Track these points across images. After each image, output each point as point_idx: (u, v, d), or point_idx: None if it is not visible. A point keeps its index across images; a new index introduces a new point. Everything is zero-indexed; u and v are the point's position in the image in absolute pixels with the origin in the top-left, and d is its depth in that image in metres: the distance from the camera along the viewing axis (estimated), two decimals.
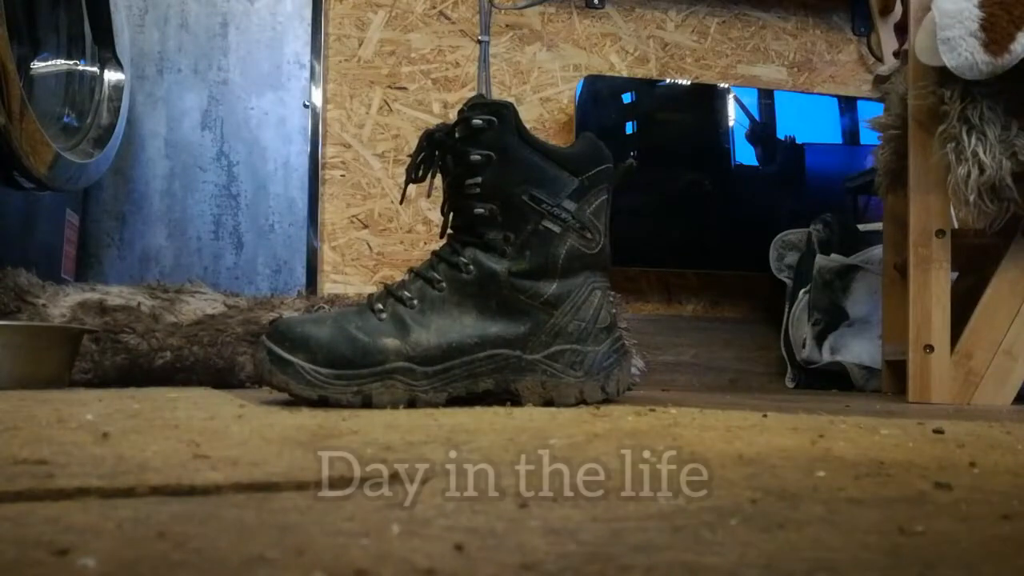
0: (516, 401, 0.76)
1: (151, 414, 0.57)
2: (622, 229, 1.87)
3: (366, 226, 1.97)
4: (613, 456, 0.41)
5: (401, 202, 1.13)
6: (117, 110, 1.59)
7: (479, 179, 0.77)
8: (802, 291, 1.81)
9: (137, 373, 1.05)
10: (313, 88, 1.94)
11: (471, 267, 0.76)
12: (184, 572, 0.20)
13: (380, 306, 0.75)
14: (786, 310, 1.88)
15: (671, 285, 2.08)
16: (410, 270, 0.79)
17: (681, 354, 2.01)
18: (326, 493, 0.31)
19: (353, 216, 1.97)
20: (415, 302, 0.75)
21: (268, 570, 0.20)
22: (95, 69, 1.58)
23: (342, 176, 1.97)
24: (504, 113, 0.78)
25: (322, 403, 0.69)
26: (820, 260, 1.75)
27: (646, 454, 0.42)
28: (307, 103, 1.93)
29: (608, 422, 0.58)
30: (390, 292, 0.76)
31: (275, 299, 1.26)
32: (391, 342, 0.72)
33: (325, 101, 1.96)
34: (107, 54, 1.59)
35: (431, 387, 0.73)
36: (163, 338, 1.07)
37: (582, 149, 0.82)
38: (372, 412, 0.66)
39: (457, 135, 0.79)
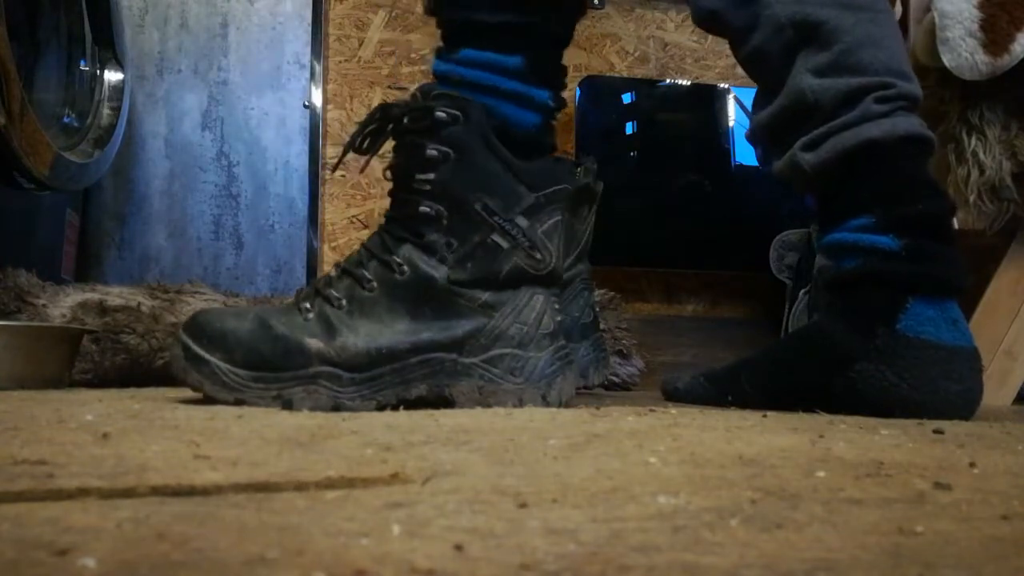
0: (450, 407, 0.71)
1: (151, 414, 0.57)
2: (622, 229, 1.88)
3: (366, 226, 1.97)
4: (613, 456, 0.41)
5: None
6: (117, 110, 1.59)
7: (431, 176, 0.72)
8: (802, 291, 1.81)
9: (137, 373, 1.05)
10: (313, 88, 1.94)
11: (405, 268, 0.71)
12: (184, 572, 0.20)
13: (307, 305, 0.70)
14: (786, 310, 1.88)
15: (671, 285, 2.08)
16: (337, 265, 0.75)
17: (681, 354, 2.01)
18: (326, 493, 0.31)
19: (353, 216, 1.97)
20: (343, 303, 0.70)
21: (268, 570, 0.20)
22: (95, 69, 1.58)
23: (342, 176, 1.97)
24: (472, 111, 0.72)
25: (239, 406, 0.65)
26: (820, 260, 1.75)
27: (646, 454, 0.42)
28: (307, 103, 1.93)
29: (608, 422, 0.57)
30: (318, 291, 0.72)
31: (275, 299, 1.26)
32: (314, 344, 0.68)
33: (325, 101, 1.97)
34: (107, 54, 1.59)
35: (358, 395, 0.68)
36: (163, 338, 1.07)
37: (543, 165, 0.77)
38: (372, 413, 0.66)
39: (415, 123, 0.73)
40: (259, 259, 1.90)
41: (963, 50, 1.08)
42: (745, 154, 2.04)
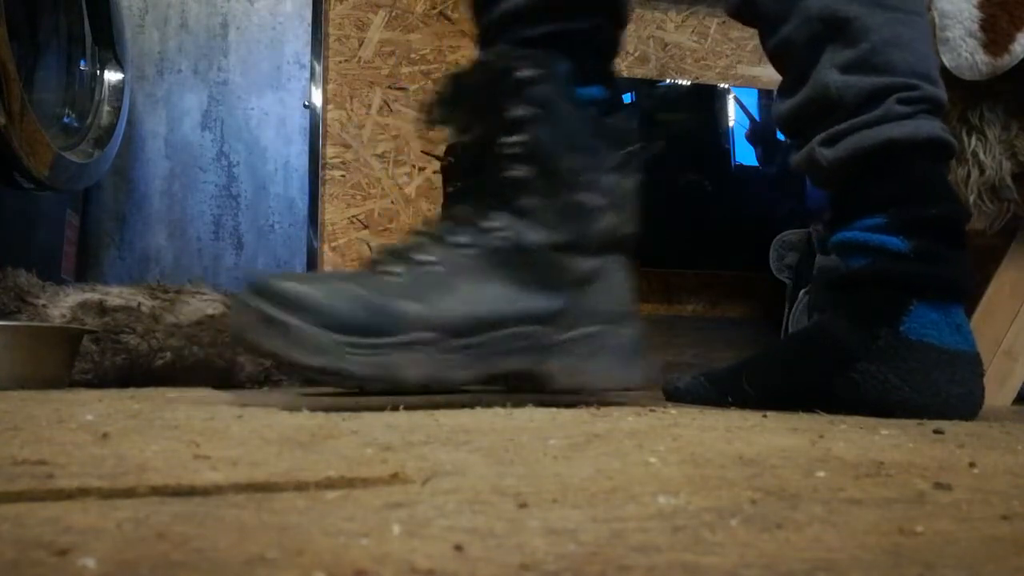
0: (540, 384, 0.68)
1: (151, 414, 0.57)
2: None
3: (366, 227, 1.97)
4: (613, 456, 0.41)
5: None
6: (117, 110, 1.59)
7: (519, 138, 0.69)
8: (802, 291, 1.81)
9: (137, 373, 1.05)
10: (313, 88, 1.94)
11: (502, 233, 0.68)
12: (184, 572, 0.20)
13: (397, 269, 0.65)
14: (786, 310, 1.88)
15: (671, 285, 2.08)
16: (419, 232, 0.71)
17: (681, 354, 2.01)
18: (326, 493, 0.31)
19: (353, 216, 1.97)
20: (437, 268, 0.66)
21: (268, 570, 0.20)
22: (95, 69, 1.58)
23: (342, 176, 1.97)
24: (555, 67, 0.70)
25: (325, 375, 0.59)
26: (820, 260, 1.75)
27: (646, 454, 0.42)
28: (307, 103, 1.93)
29: (608, 422, 0.57)
30: (404, 255, 0.67)
31: None
32: (413, 307, 0.62)
33: (325, 101, 1.97)
34: (107, 54, 1.59)
35: (457, 362, 0.64)
36: (163, 338, 1.07)
37: (622, 122, 0.76)
38: (372, 413, 0.66)
39: (498, 86, 0.69)
40: (259, 259, 1.90)
41: (963, 50, 1.07)
42: (745, 154, 2.04)
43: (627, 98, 2.01)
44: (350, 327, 0.60)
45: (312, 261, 1.92)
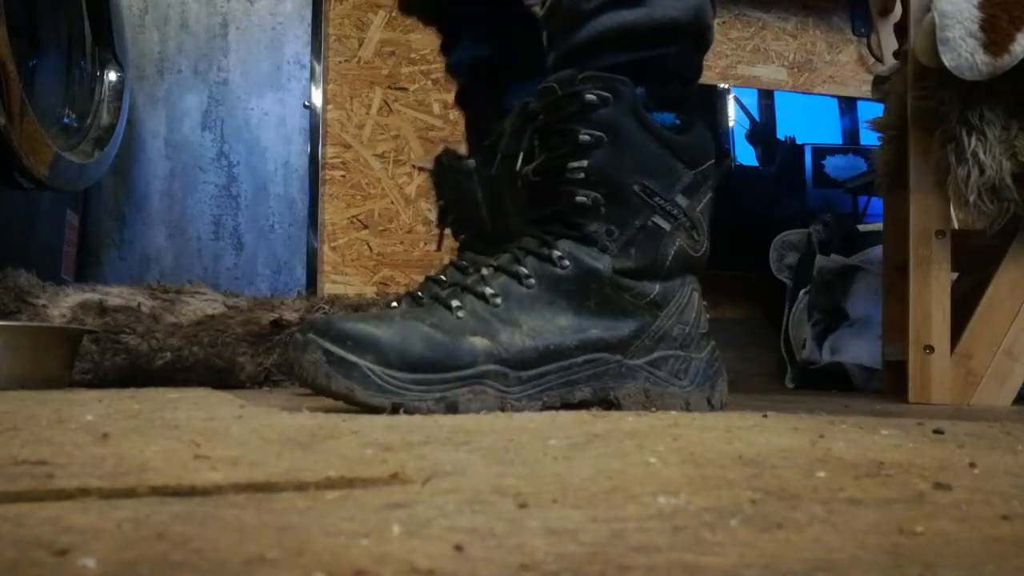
0: (615, 410, 0.68)
1: (151, 414, 0.57)
2: None
3: (366, 226, 1.97)
4: (613, 456, 0.41)
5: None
6: (117, 110, 1.59)
7: (585, 163, 0.68)
8: (802, 292, 1.81)
9: (137, 373, 1.05)
10: (313, 88, 1.94)
11: (566, 262, 0.68)
12: (184, 572, 0.20)
13: (457, 303, 0.65)
14: (786, 310, 1.88)
15: None
16: (477, 261, 0.70)
17: None
18: (326, 493, 0.31)
19: (353, 216, 1.97)
20: (499, 300, 0.66)
21: (268, 570, 0.20)
22: (95, 69, 1.58)
23: (342, 176, 1.97)
24: (621, 90, 0.69)
25: (394, 412, 0.60)
26: (820, 261, 1.75)
27: (646, 454, 0.42)
28: (307, 103, 1.93)
29: (608, 422, 0.57)
30: (466, 288, 0.67)
31: (275, 299, 1.26)
32: (480, 342, 0.63)
33: (325, 102, 1.97)
34: (107, 54, 1.59)
35: (524, 394, 0.64)
36: (163, 338, 1.07)
37: (697, 139, 0.74)
38: (372, 413, 0.66)
39: (564, 110, 0.69)
40: (259, 259, 1.90)
41: (963, 50, 1.07)
42: (745, 154, 2.04)
43: None
44: (416, 364, 0.61)
45: (312, 261, 1.92)
